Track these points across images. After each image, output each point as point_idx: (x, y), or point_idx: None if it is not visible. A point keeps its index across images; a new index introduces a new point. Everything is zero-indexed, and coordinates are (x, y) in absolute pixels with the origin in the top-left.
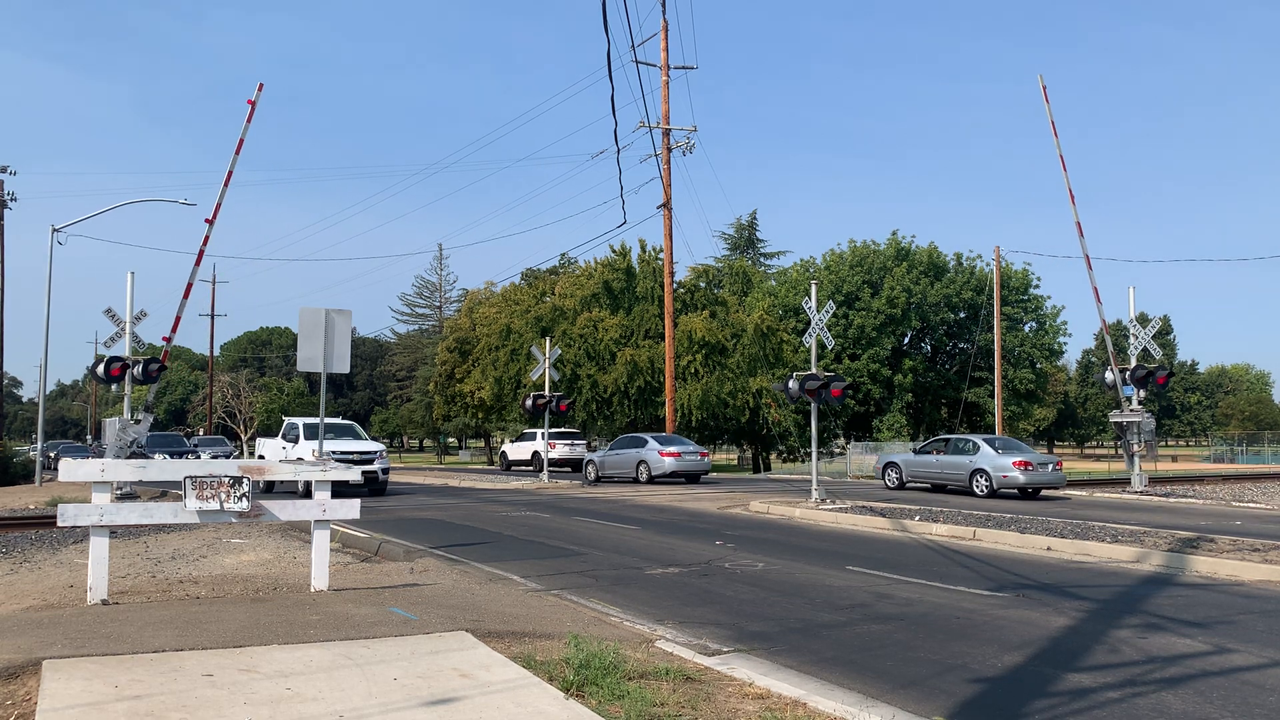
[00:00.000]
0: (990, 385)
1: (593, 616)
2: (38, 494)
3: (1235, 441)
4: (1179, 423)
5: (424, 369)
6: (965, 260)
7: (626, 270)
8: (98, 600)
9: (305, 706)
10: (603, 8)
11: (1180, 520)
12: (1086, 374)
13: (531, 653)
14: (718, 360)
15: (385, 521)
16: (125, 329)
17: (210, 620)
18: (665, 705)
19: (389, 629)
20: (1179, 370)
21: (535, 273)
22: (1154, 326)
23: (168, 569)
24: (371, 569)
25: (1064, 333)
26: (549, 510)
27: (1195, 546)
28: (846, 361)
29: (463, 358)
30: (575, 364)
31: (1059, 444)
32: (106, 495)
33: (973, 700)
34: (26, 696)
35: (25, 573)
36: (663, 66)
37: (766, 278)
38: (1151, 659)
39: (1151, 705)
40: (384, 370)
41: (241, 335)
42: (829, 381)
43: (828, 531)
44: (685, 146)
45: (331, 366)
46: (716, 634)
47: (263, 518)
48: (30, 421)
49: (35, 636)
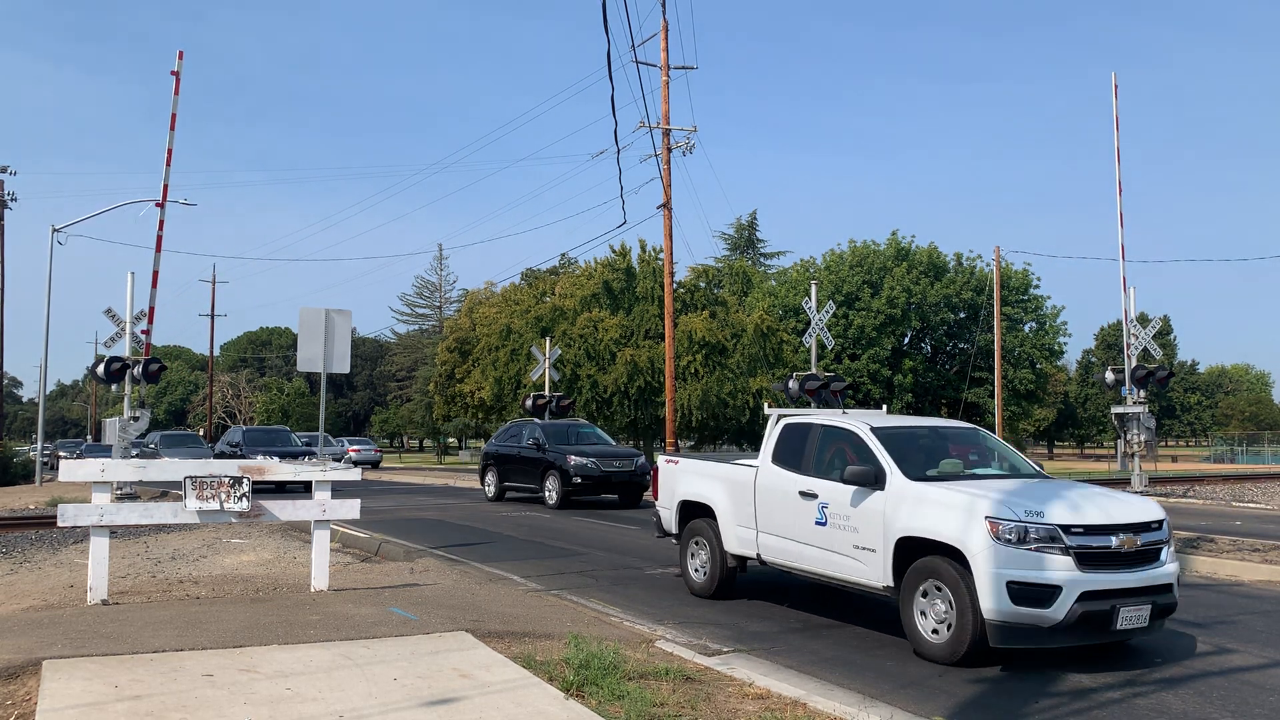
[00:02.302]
0: (990, 385)
1: (593, 616)
2: (38, 494)
3: (1235, 441)
4: (1179, 423)
5: (424, 369)
6: (965, 260)
7: (626, 270)
8: (98, 600)
9: (305, 707)
10: (603, 8)
11: (1180, 520)
12: (1086, 374)
13: (531, 653)
14: (718, 360)
15: (385, 521)
16: (125, 329)
17: (210, 620)
18: (665, 705)
19: (389, 629)
20: (1179, 370)
21: (535, 273)
22: (1154, 326)
23: (168, 569)
24: (371, 569)
25: (1064, 333)
26: (549, 510)
27: (1195, 546)
28: (846, 361)
29: (463, 358)
30: (575, 364)
31: (1059, 444)
32: (106, 495)
33: (973, 700)
34: (26, 696)
35: (25, 573)
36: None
37: (766, 278)
38: (1152, 659)
39: (1151, 705)
40: (384, 370)
41: (241, 335)
42: (829, 381)
43: None
44: (685, 146)
45: (331, 366)
46: (716, 634)
47: (263, 518)
48: (30, 421)
49: (35, 636)
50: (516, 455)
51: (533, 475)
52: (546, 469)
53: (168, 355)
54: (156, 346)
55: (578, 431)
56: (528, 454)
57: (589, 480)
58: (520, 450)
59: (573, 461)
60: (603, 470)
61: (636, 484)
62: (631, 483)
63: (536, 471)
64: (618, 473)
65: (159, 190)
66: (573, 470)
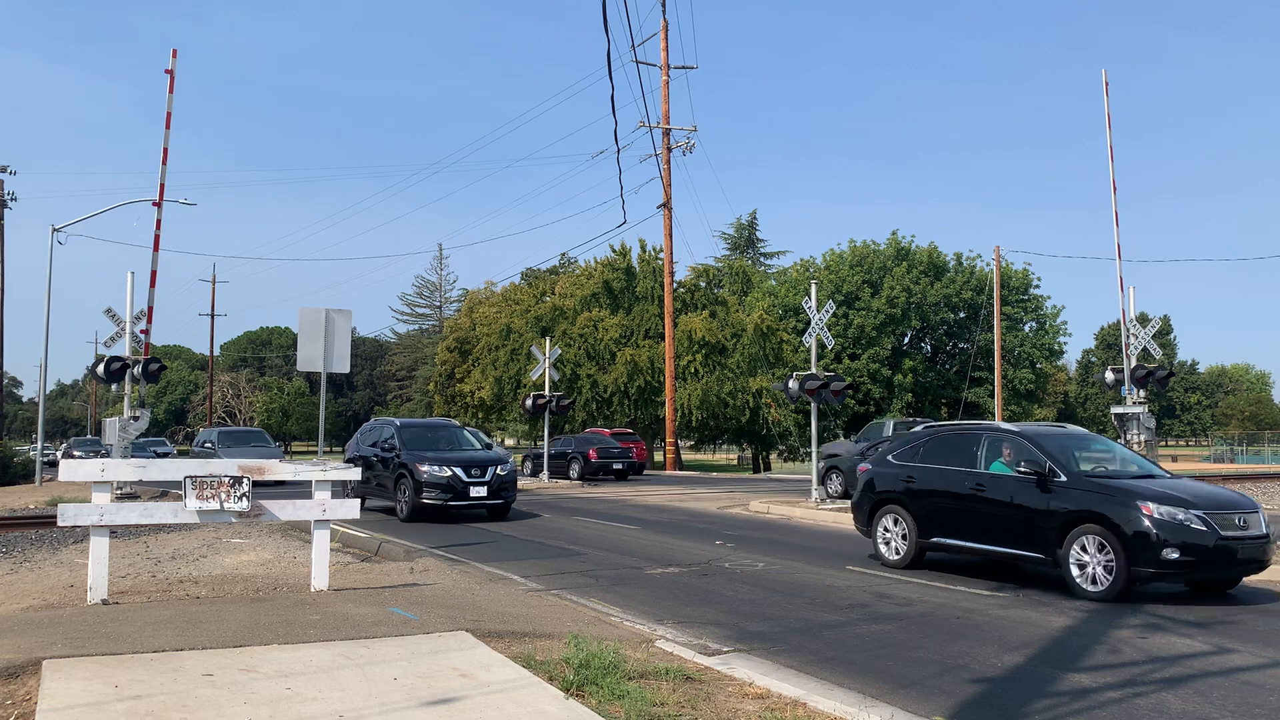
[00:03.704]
0: (990, 385)
1: (593, 616)
2: (38, 494)
3: (1235, 441)
4: (1179, 423)
5: (424, 369)
6: (965, 260)
7: (626, 270)
8: (98, 600)
9: (305, 706)
10: (603, 7)
11: None
12: (1086, 374)
13: (531, 653)
14: (718, 360)
15: (384, 522)
16: (125, 329)
17: (210, 620)
18: (665, 705)
19: (389, 629)
20: (1179, 370)
21: (535, 273)
22: (1154, 326)
23: (168, 569)
24: (371, 569)
25: (1064, 333)
26: (548, 510)
27: None
28: (846, 361)
29: (463, 358)
30: (575, 364)
31: None
32: (106, 495)
33: (973, 700)
34: (26, 696)
35: (25, 573)
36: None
37: (766, 278)
38: (1152, 659)
39: (1151, 705)
40: (384, 370)
41: (241, 335)
42: (829, 381)
43: (828, 531)
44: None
45: (331, 366)
46: (716, 634)
47: (263, 518)
48: (30, 421)
49: (35, 636)
50: (375, 459)
51: (387, 483)
52: (400, 477)
53: (168, 355)
54: (156, 346)
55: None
56: (385, 458)
57: (443, 490)
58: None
59: (424, 470)
60: (463, 480)
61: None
62: (491, 497)
63: (391, 479)
64: (477, 483)
65: (157, 190)
66: (424, 480)
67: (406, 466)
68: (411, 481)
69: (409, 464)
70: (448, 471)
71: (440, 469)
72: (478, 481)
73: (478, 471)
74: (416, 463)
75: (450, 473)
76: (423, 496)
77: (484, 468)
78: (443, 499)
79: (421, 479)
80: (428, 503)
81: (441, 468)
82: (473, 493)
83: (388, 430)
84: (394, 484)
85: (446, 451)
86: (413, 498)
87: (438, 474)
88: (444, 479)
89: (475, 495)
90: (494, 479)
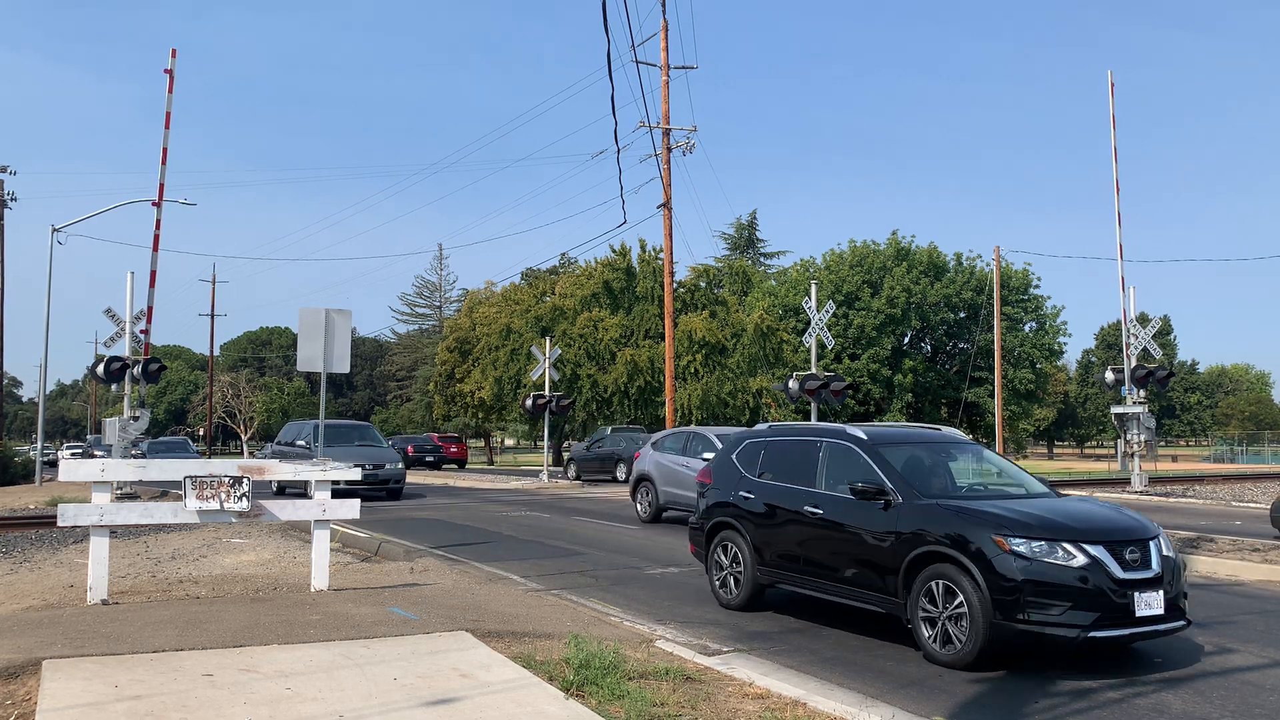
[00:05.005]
0: (990, 385)
1: (593, 616)
2: (38, 494)
3: (1235, 441)
4: (1179, 423)
5: (424, 369)
6: (965, 260)
7: (626, 270)
8: (98, 600)
9: (305, 706)
10: (603, 7)
11: (1180, 520)
12: (1086, 374)
13: (531, 653)
14: (718, 360)
15: (385, 521)
16: (125, 329)
17: (210, 620)
18: (665, 705)
19: (389, 629)
20: (1179, 370)
21: (535, 272)
22: (1154, 326)
23: (168, 569)
24: (371, 569)
25: (1064, 333)
26: (549, 510)
27: (1195, 546)
28: (846, 361)
29: (463, 358)
30: (575, 364)
31: (1059, 444)
32: (106, 495)
33: (973, 699)
34: (26, 696)
35: (25, 573)
36: (663, 66)
37: (766, 278)
38: (1151, 659)
39: (1151, 705)
40: (384, 370)
41: (241, 335)
42: (829, 381)
43: None
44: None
45: (331, 366)
46: (716, 634)
47: (263, 518)
48: (30, 421)
49: (35, 636)
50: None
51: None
52: None
53: (168, 355)
54: (156, 346)
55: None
56: (299, 454)
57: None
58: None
59: None
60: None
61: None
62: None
63: None
64: (368, 477)
65: (157, 190)
66: None
67: None
68: None
69: None
70: None
71: None
72: (367, 476)
73: (368, 468)
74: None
75: None
76: None
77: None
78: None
79: None
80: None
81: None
82: (358, 491)
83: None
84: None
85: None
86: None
87: None
88: None
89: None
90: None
